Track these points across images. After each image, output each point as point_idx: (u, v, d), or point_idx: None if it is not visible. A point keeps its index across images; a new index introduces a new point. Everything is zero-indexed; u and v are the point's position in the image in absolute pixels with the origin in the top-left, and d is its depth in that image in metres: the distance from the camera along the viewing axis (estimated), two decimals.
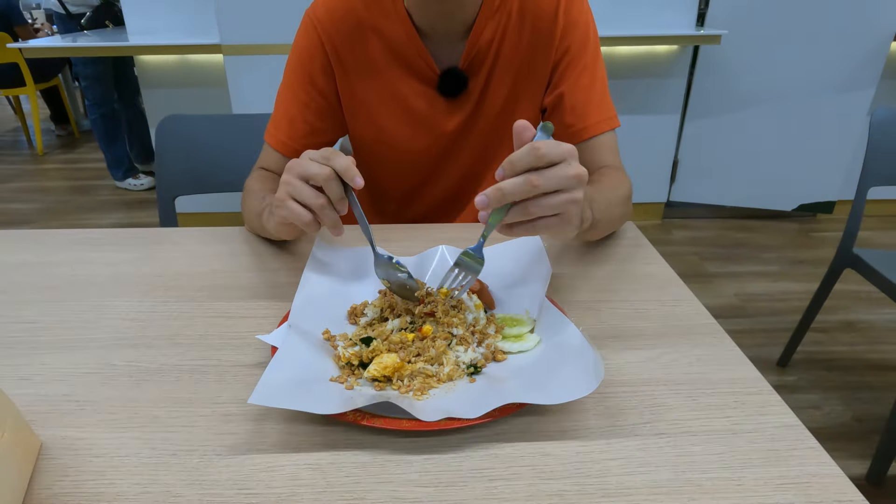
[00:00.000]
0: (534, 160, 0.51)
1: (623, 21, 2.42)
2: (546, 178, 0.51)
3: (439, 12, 0.83)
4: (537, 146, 0.51)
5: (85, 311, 0.67)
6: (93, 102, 3.09)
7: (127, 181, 3.31)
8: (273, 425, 0.50)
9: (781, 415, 0.52)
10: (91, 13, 3.04)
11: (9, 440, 0.43)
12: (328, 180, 0.59)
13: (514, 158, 0.51)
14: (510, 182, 0.51)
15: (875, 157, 1.42)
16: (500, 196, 0.52)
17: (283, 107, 0.90)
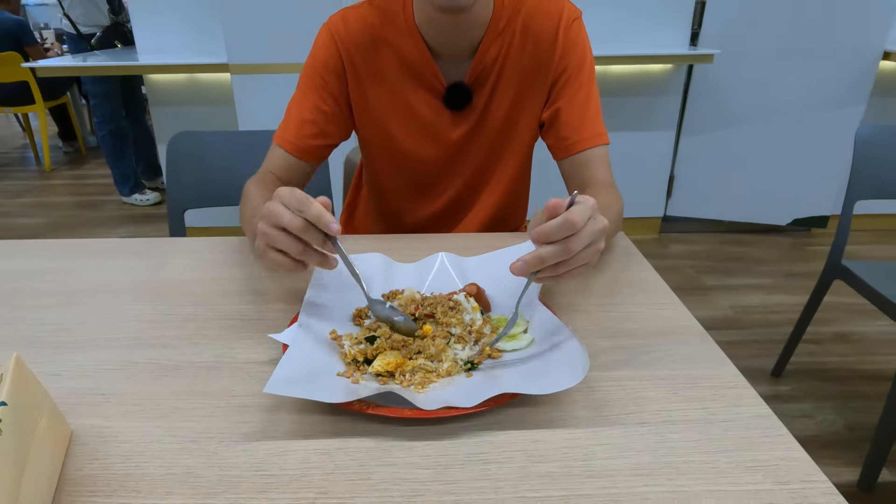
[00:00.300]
0: (568, 230, 0.54)
1: (619, 41, 2.49)
2: (579, 241, 0.55)
3: (449, 32, 0.89)
4: (571, 219, 0.54)
5: (105, 314, 0.72)
6: (101, 120, 3.17)
7: (133, 196, 3.37)
8: (285, 415, 0.54)
9: (755, 406, 0.56)
10: (101, 33, 3.13)
11: (45, 426, 0.47)
12: (304, 230, 0.59)
13: (550, 231, 0.54)
14: (548, 250, 0.55)
15: (860, 171, 1.47)
16: (540, 263, 0.56)
17: (294, 110, 0.95)
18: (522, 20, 0.91)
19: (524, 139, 0.99)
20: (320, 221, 0.59)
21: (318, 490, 0.46)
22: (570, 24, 0.91)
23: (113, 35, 3.17)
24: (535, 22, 0.91)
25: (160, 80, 2.57)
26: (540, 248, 0.56)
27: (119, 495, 0.46)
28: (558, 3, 0.92)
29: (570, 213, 0.54)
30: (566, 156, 0.95)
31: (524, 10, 0.91)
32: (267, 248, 0.62)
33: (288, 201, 0.60)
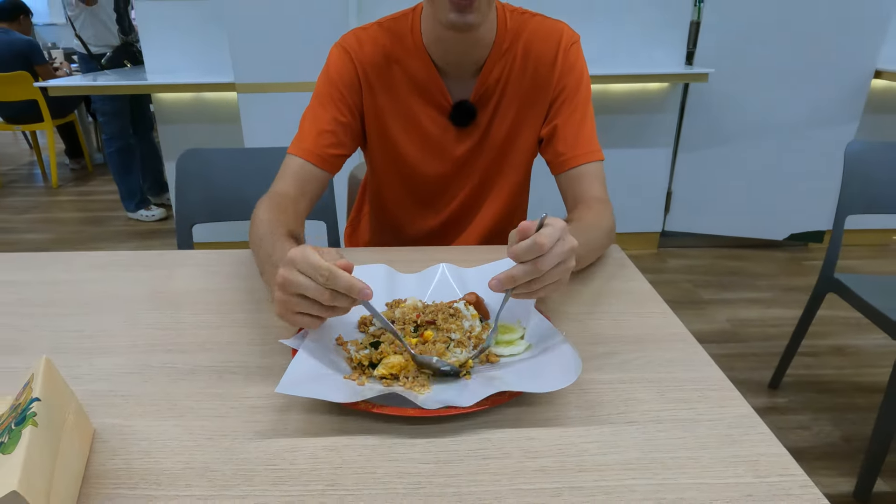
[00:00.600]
0: (536, 251, 0.59)
1: (617, 60, 2.56)
2: (547, 261, 0.59)
3: (455, 51, 0.94)
4: (539, 240, 0.58)
5: (123, 321, 0.75)
6: (110, 137, 3.23)
7: (139, 212, 3.42)
8: (295, 415, 0.58)
9: (739, 407, 0.59)
10: (111, 53, 3.21)
11: (72, 422, 0.51)
12: (333, 299, 0.57)
13: (520, 252, 0.59)
14: (518, 269, 0.60)
15: (850, 186, 1.51)
16: (511, 282, 0.60)
17: (310, 121, 0.96)
18: (524, 43, 0.96)
19: (524, 155, 1.03)
20: (353, 292, 0.57)
21: (327, 483, 0.50)
22: (568, 47, 0.96)
23: (122, 55, 3.25)
24: (536, 45, 0.96)
25: (168, 99, 2.64)
26: (512, 268, 0.60)
27: (141, 487, 0.49)
28: (558, 28, 0.97)
29: (539, 235, 0.58)
30: (562, 171, 0.99)
31: (526, 33, 0.96)
32: (287, 312, 0.60)
33: (308, 271, 0.57)
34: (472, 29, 0.87)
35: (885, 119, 2.72)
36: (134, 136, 3.35)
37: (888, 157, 1.52)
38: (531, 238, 0.59)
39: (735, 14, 2.50)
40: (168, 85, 2.40)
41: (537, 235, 0.58)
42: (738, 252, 2.86)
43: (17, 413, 0.46)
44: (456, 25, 0.85)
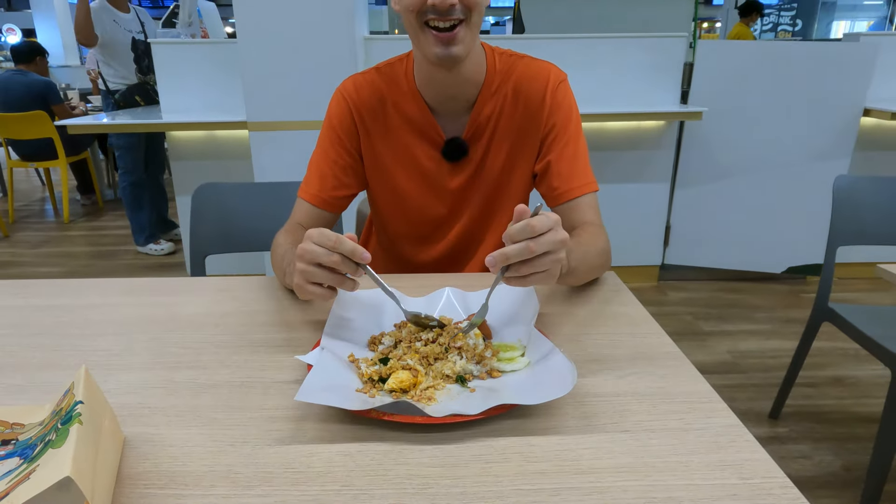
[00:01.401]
0: (528, 233, 0.65)
1: (614, 99, 2.66)
2: (539, 244, 0.65)
3: (445, 90, 1.01)
4: (532, 222, 0.64)
5: (148, 341, 0.80)
6: (124, 171, 3.35)
7: (148, 246, 3.49)
8: (311, 424, 0.62)
9: (726, 418, 0.63)
10: (125, 89, 3.33)
11: (108, 427, 0.55)
12: (340, 264, 0.69)
13: (513, 232, 0.65)
14: (512, 248, 0.65)
15: (839, 219, 1.56)
16: (504, 259, 0.66)
17: (315, 166, 1.06)
18: (514, 84, 1.03)
19: (519, 189, 1.09)
20: (355, 255, 0.69)
21: (342, 483, 0.54)
22: (556, 86, 1.03)
23: (135, 91, 3.37)
24: (525, 85, 1.03)
25: (181, 137, 2.73)
26: (507, 248, 0.65)
27: (170, 488, 0.54)
28: (545, 69, 1.04)
29: (532, 219, 0.65)
30: (558, 203, 1.04)
31: (515, 75, 1.03)
32: (305, 282, 0.71)
33: (321, 241, 0.69)
34: (457, 63, 0.94)
35: (876, 156, 2.80)
36: (144, 172, 3.45)
37: (875, 191, 1.58)
38: (525, 220, 0.65)
39: (727, 56, 2.62)
40: (182, 123, 2.50)
41: (532, 220, 0.64)
42: (736, 285, 2.90)
43: (63, 415, 0.50)
44: (442, 59, 0.92)
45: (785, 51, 2.63)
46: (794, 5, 10.94)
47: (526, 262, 0.66)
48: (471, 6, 0.89)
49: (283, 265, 0.89)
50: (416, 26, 0.91)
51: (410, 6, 0.89)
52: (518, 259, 0.65)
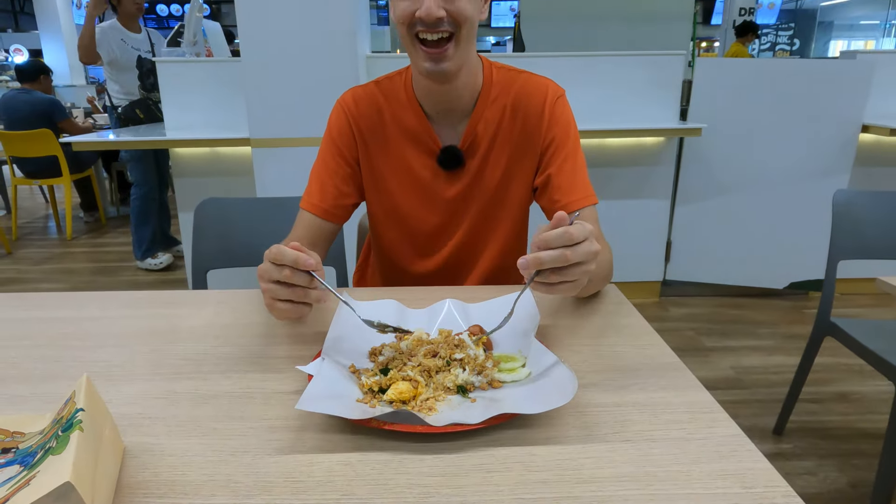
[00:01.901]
0: (566, 241, 0.64)
1: (614, 116, 2.68)
2: (576, 253, 0.65)
3: (442, 99, 1.03)
4: (570, 230, 0.64)
5: (149, 353, 0.80)
6: (136, 183, 3.42)
7: (146, 261, 3.51)
8: (311, 433, 0.62)
9: (728, 427, 0.63)
10: (127, 104, 3.38)
11: (108, 435, 0.55)
12: (291, 277, 0.70)
13: (550, 238, 0.65)
14: (548, 254, 0.65)
15: (839, 233, 1.57)
16: (538, 263, 0.65)
17: (316, 177, 1.08)
18: (513, 97, 1.04)
19: (517, 202, 1.10)
20: (298, 263, 0.69)
21: (342, 493, 0.53)
22: (554, 101, 1.04)
23: (136, 106, 3.41)
24: (524, 100, 1.04)
25: (184, 153, 2.76)
26: (540, 252, 0.65)
27: (169, 497, 0.53)
28: (544, 84, 1.06)
29: (571, 227, 0.65)
30: None
31: (514, 89, 1.05)
32: (272, 301, 0.73)
33: (271, 257, 0.70)
34: (448, 78, 0.96)
35: (875, 171, 2.81)
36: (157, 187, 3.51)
37: (874, 205, 1.58)
38: (563, 228, 0.64)
39: (726, 74, 2.64)
40: (186, 140, 2.52)
41: (570, 227, 0.64)
42: (739, 300, 2.89)
43: (64, 422, 0.50)
44: (432, 74, 0.94)
45: (783, 68, 2.65)
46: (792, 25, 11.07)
47: (557, 270, 0.66)
48: (459, 20, 0.90)
49: None
50: (407, 39, 0.93)
51: (401, 18, 0.91)
52: (552, 265, 0.65)
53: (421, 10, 0.88)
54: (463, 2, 0.89)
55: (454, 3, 0.89)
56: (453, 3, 0.89)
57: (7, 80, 9.17)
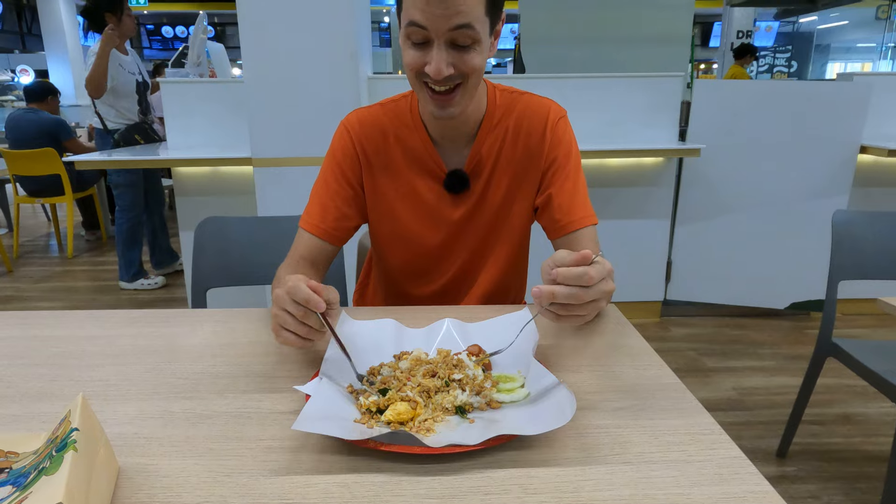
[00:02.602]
0: (584, 281, 0.65)
1: (614, 137, 2.70)
2: (589, 294, 0.66)
3: (448, 127, 1.04)
4: (590, 272, 0.65)
5: (146, 372, 0.80)
6: (122, 208, 3.36)
7: (138, 282, 3.51)
8: (307, 454, 0.61)
9: (729, 449, 0.62)
10: (124, 129, 3.36)
11: (102, 456, 0.55)
12: (304, 316, 0.73)
13: (569, 276, 0.65)
14: (562, 290, 0.66)
15: (839, 253, 1.57)
16: (551, 297, 0.66)
17: (317, 197, 1.07)
18: (515, 119, 1.05)
19: (519, 222, 1.10)
20: (309, 303, 0.72)
21: None
22: (556, 122, 1.05)
23: (135, 131, 3.41)
24: (526, 121, 1.05)
25: (186, 173, 2.77)
26: (556, 286, 0.66)
27: None
28: (545, 105, 1.07)
29: (591, 268, 0.65)
30: (559, 236, 1.05)
31: (516, 111, 1.06)
32: (279, 328, 0.75)
33: (289, 290, 0.73)
34: (454, 118, 0.96)
35: (874, 192, 2.82)
36: (146, 210, 3.49)
37: (874, 225, 1.59)
38: (583, 268, 0.65)
39: (724, 95, 2.67)
40: (188, 159, 2.53)
41: (590, 268, 0.65)
42: (740, 321, 2.88)
43: (58, 442, 0.50)
44: (438, 117, 0.95)
45: (781, 90, 2.68)
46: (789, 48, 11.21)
47: (568, 304, 0.67)
48: (468, 73, 0.90)
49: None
50: (415, 83, 0.94)
51: (409, 66, 0.91)
52: (564, 301, 0.66)
53: (430, 68, 0.87)
54: (471, 56, 0.88)
55: (462, 60, 0.88)
56: (462, 59, 0.88)
57: (12, 100, 9.28)
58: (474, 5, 0.84)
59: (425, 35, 0.86)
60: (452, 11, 0.83)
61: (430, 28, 0.85)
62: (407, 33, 0.88)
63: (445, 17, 0.83)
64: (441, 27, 0.84)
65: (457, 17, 0.83)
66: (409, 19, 0.86)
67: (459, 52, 0.88)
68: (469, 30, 0.85)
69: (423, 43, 0.87)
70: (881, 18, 10.75)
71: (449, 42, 0.86)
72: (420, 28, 0.85)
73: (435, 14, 0.83)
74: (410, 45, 0.89)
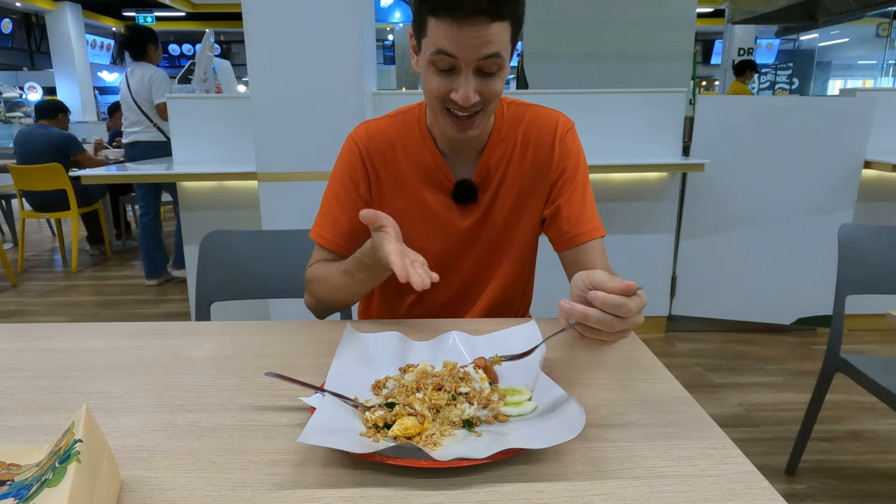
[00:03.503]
0: (621, 313, 0.64)
1: (618, 151, 2.71)
2: (622, 324, 0.65)
3: (456, 142, 1.04)
4: (628, 304, 0.64)
5: (149, 384, 0.79)
6: (144, 212, 3.70)
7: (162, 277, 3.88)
8: (313, 468, 0.60)
9: (741, 464, 0.61)
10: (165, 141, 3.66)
11: (105, 469, 0.54)
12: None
13: (609, 303, 0.64)
14: (595, 315, 0.65)
15: (846, 267, 1.56)
16: (582, 318, 0.66)
17: (328, 209, 1.08)
18: (524, 130, 1.06)
19: (526, 234, 1.10)
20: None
21: None
22: (564, 133, 1.06)
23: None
24: (535, 132, 1.06)
25: (191, 187, 2.79)
26: (590, 308, 0.65)
27: None
28: (553, 116, 1.07)
29: (631, 300, 0.64)
30: (567, 248, 1.05)
31: (524, 122, 1.06)
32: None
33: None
34: (471, 139, 0.98)
35: (880, 207, 2.82)
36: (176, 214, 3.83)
37: (880, 240, 1.58)
38: (623, 298, 0.64)
39: (726, 111, 2.68)
40: (194, 174, 2.55)
41: (629, 300, 0.64)
42: (746, 336, 2.86)
43: (61, 454, 0.49)
44: (457, 139, 0.97)
45: (783, 106, 2.69)
46: (790, 65, 11.27)
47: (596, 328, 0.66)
48: (490, 98, 0.92)
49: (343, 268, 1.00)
50: (437, 107, 0.95)
51: (434, 93, 0.92)
52: (596, 326, 0.65)
53: (458, 95, 0.89)
54: (495, 82, 0.90)
55: (487, 86, 0.90)
56: (486, 86, 0.90)
57: (20, 117, 9.37)
58: (502, 34, 0.86)
59: (453, 63, 0.88)
60: (484, 42, 0.85)
61: (461, 57, 0.86)
62: (433, 60, 0.89)
63: (477, 47, 0.85)
64: (471, 56, 0.86)
65: (487, 47, 0.85)
66: (436, 47, 0.87)
67: (485, 80, 0.90)
68: (497, 58, 0.87)
69: (449, 70, 0.89)
70: (881, 36, 10.82)
71: (476, 70, 0.88)
72: (449, 56, 0.87)
73: (467, 44, 0.85)
74: (435, 72, 0.90)
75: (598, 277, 0.67)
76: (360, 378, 0.76)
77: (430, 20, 0.87)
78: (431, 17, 0.86)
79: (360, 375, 0.77)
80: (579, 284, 0.69)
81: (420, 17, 0.89)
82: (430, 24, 0.87)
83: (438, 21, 0.85)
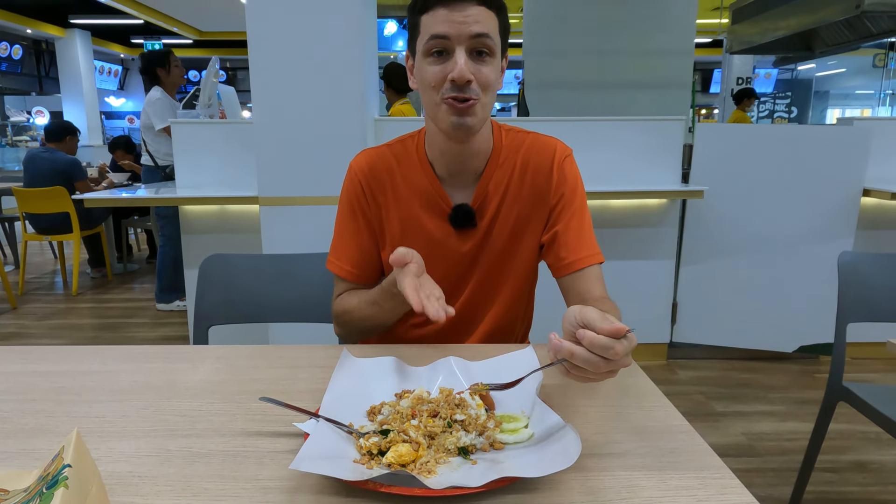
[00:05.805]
0: (609, 355, 0.63)
1: (618, 178, 2.72)
2: (608, 366, 0.65)
3: (455, 161, 1.05)
4: (616, 347, 0.63)
5: (144, 408, 0.79)
6: (166, 237, 3.70)
7: (174, 303, 3.84)
8: (305, 496, 0.59)
9: (740, 495, 0.60)
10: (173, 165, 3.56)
11: (95, 494, 0.53)
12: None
13: (595, 344, 0.63)
14: (583, 355, 0.64)
15: (847, 295, 1.55)
16: (569, 356, 0.65)
17: (338, 239, 1.12)
18: (522, 157, 1.07)
19: (525, 259, 1.10)
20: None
21: None
22: (562, 160, 1.07)
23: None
24: (533, 159, 1.07)
25: (193, 211, 2.80)
26: (577, 347, 0.64)
27: None
28: (552, 143, 1.09)
29: (619, 343, 0.63)
30: (565, 274, 1.05)
31: (523, 148, 1.07)
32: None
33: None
34: (470, 133, 0.99)
35: (880, 235, 2.82)
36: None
37: (881, 267, 1.58)
38: (611, 340, 0.63)
39: (725, 139, 2.70)
40: (195, 198, 2.56)
41: (617, 342, 0.63)
42: (748, 364, 2.84)
43: (49, 479, 0.49)
44: (456, 128, 0.97)
45: (781, 134, 2.71)
46: (789, 94, 11.41)
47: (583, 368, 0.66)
48: (485, 86, 0.96)
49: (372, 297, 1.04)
50: (435, 99, 0.97)
51: (431, 82, 0.95)
52: (581, 364, 0.64)
53: (454, 72, 0.93)
54: (487, 70, 0.95)
55: (480, 71, 0.94)
56: (480, 71, 0.94)
57: (27, 140, 9.47)
58: (489, 20, 0.94)
59: (446, 45, 0.93)
60: (472, 20, 0.92)
61: (453, 36, 0.92)
62: (429, 48, 0.94)
63: (466, 25, 0.92)
64: (463, 33, 0.92)
65: (476, 26, 0.92)
66: (430, 34, 0.93)
67: (478, 64, 0.94)
68: (487, 38, 0.93)
69: (444, 55, 0.94)
70: (878, 66, 10.96)
71: (469, 50, 0.93)
72: (442, 38, 0.92)
73: (457, 22, 0.92)
74: (431, 62, 0.95)
75: (589, 316, 0.66)
76: (355, 404, 0.76)
77: (423, 18, 0.95)
78: (424, 15, 0.94)
79: (356, 401, 0.76)
80: (571, 320, 0.68)
81: (413, 22, 0.97)
82: (423, 23, 0.95)
83: (430, 14, 0.93)
